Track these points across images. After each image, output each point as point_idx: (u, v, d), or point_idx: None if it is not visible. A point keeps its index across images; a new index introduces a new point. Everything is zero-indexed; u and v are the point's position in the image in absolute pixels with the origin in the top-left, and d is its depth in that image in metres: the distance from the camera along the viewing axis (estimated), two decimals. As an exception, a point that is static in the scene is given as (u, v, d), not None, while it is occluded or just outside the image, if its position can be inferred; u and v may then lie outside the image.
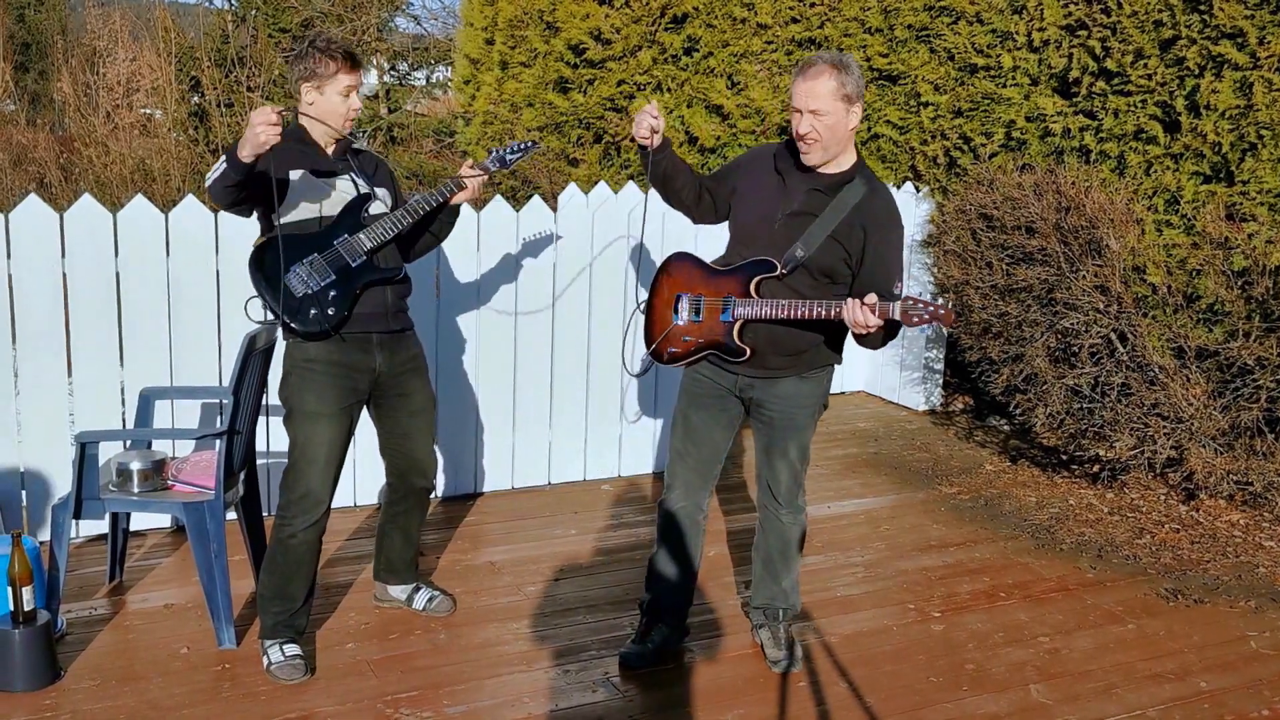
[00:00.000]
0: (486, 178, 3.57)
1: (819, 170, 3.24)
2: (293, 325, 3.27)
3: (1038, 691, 3.46)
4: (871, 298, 3.04)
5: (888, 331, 3.17)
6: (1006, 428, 6.22)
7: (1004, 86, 5.95)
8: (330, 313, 3.29)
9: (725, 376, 3.39)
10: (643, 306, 3.50)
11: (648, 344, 3.45)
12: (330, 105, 3.32)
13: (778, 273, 3.22)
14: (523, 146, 3.62)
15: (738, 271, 3.27)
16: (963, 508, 5.07)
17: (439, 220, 3.64)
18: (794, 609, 3.62)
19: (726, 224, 3.45)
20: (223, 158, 3.10)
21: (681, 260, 3.43)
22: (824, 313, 3.13)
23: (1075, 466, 5.44)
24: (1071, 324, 4.87)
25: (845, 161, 3.26)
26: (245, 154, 2.98)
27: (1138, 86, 5.22)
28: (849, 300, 3.07)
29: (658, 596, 3.58)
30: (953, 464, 5.68)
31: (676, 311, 3.37)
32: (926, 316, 3.05)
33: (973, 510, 5.04)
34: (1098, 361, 4.88)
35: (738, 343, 3.27)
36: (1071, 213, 4.93)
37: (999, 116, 5.97)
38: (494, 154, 3.59)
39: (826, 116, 3.12)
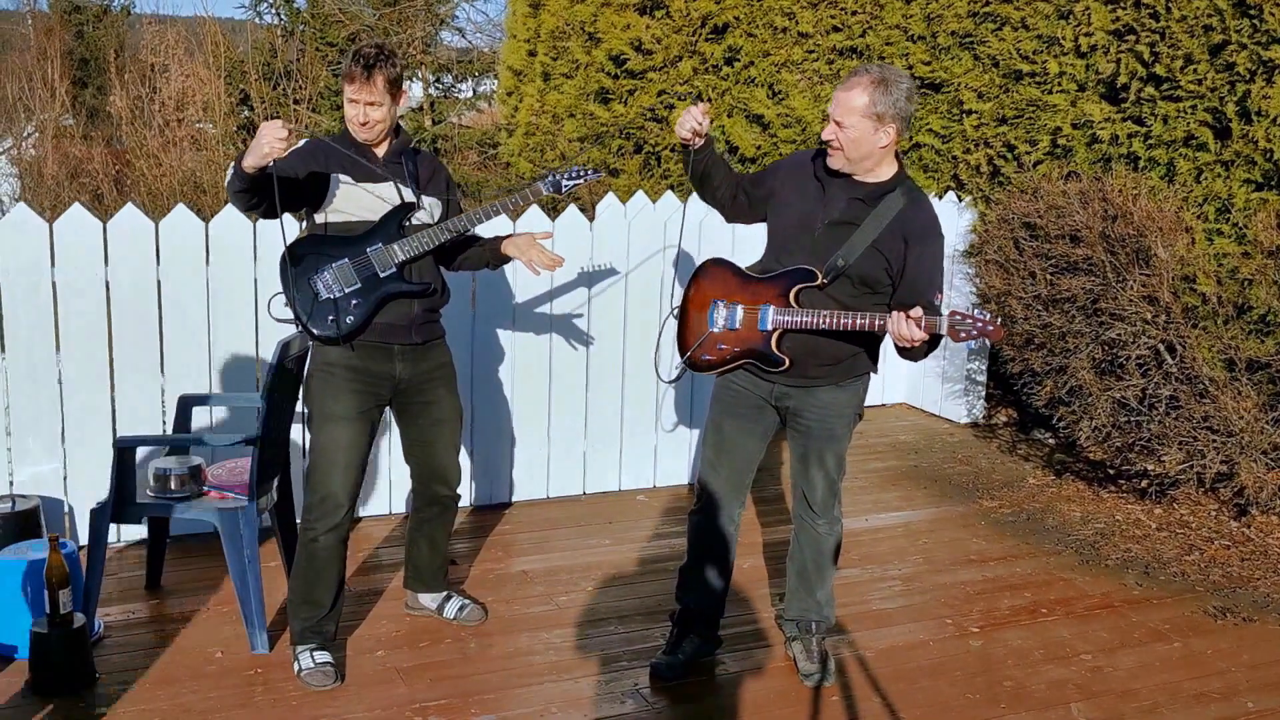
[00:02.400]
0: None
1: (860, 179, 3.20)
2: (307, 327, 3.28)
3: (1079, 710, 3.37)
4: (917, 311, 3.00)
5: (929, 343, 3.12)
6: (1051, 441, 6.10)
7: (1050, 93, 5.86)
8: (348, 320, 3.29)
9: (761, 385, 3.35)
10: (676, 311, 3.47)
11: (681, 351, 3.41)
12: (348, 112, 3.34)
13: (818, 282, 3.17)
14: (581, 173, 3.49)
15: (777, 280, 3.23)
16: (1004, 522, 4.98)
17: (490, 250, 3.63)
18: (828, 622, 3.56)
19: (765, 227, 3.41)
20: (230, 165, 3.12)
21: (718, 266, 3.39)
22: (866, 324, 3.09)
23: (1122, 481, 5.32)
24: (1118, 335, 4.77)
25: (885, 172, 3.21)
26: (248, 163, 2.99)
27: (1187, 92, 5.11)
28: (894, 314, 3.03)
29: (689, 607, 3.54)
30: (995, 477, 5.58)
31: (712, 318, 3.33)
32: (975, 333, 3.01)
33: (1014, 525, 4.94)
34: (1145, 373, 4.78)
35: (777, 352, 3.23)
36: (1119, 221, 4.83)
37: (1044, 124, 5.88)
38: (550, 177, 3.50)
39: (850, 130, 3.09)
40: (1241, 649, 3.78)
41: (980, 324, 3.00)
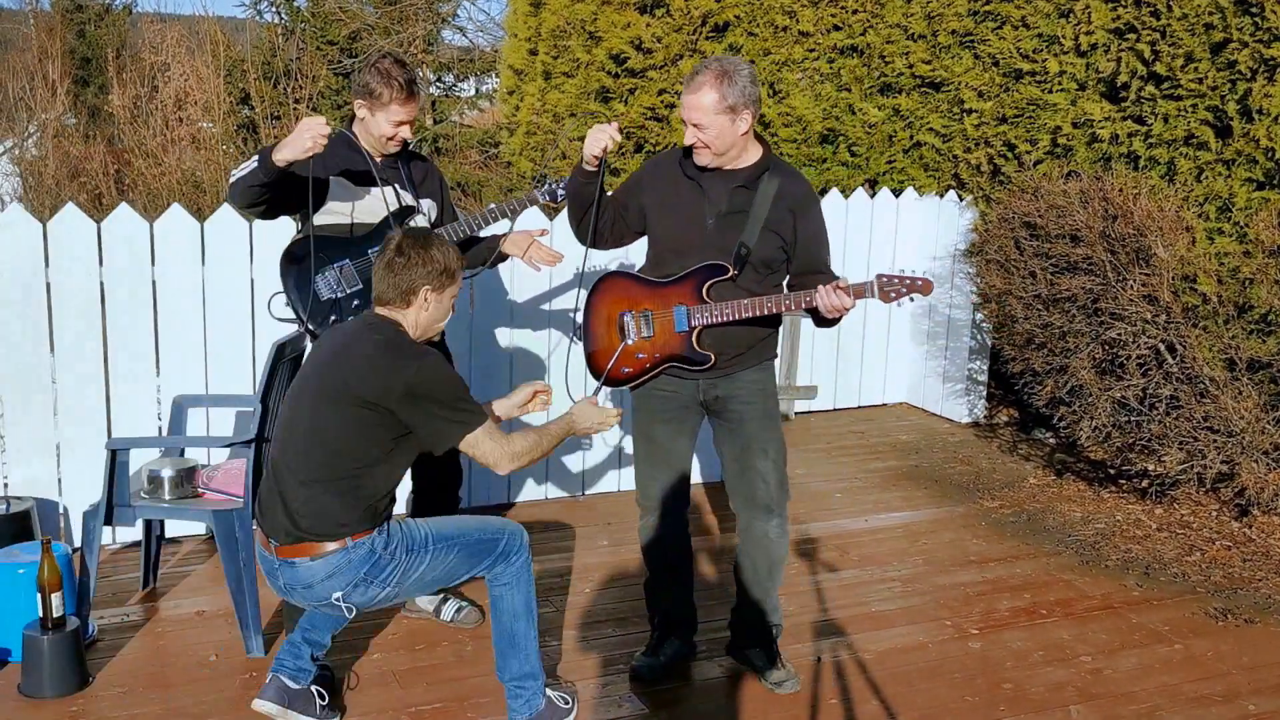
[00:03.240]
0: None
1: (731, 169, 3.21)
2: (310, 328, 3.27)
3: (1078, 713, 3.35)
4: (845, 280, 3.08)
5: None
6: (1052, 441, 6.08)
7: (1050, 92, 5.83)
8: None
9: (685, 385, 3.31)
10: (578, 334, 3.40)
11: (595, 372, 3.33)
12: (378, 129, 3.30)
13: (730, 274, 3.16)
14: None
15: (686, 279, 3.21)
16: (1004, 522, 4.95)
17: (489, 248, 3.63)
18: (781, 625, 3.53)
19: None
20: (254, 158, 3.08)
21: (615, 278, 3.36)
22: (791, 304, 3.12)
23: (1123, 481, 5.29)
24: (1118, 335, 4.74)
25: (752, 155, 3.23)
26: (282, 156, 2.98)
27: (1188, 91, 5.08)
28: (821, 288, 3.08)
29: (663, 614, 3.53)
30: (995, 478, 5.56)
31: (623, 330, 3.28)
32: (905, 290, 3.08)
33: (1015, 525, 4.92)
34: (1146, 373, 4.75)
35: (700, 350, 3.20)
36: (1119, 220, 4.80)
37: (1044, 123, 5.85)
38: (547, 185, 3.53)
39: (709, 129, 3.11)
40: (1242, 651, 3.76)
41: (908, 282, 3.08)
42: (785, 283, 3.33)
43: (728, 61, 3.11)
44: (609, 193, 3.37)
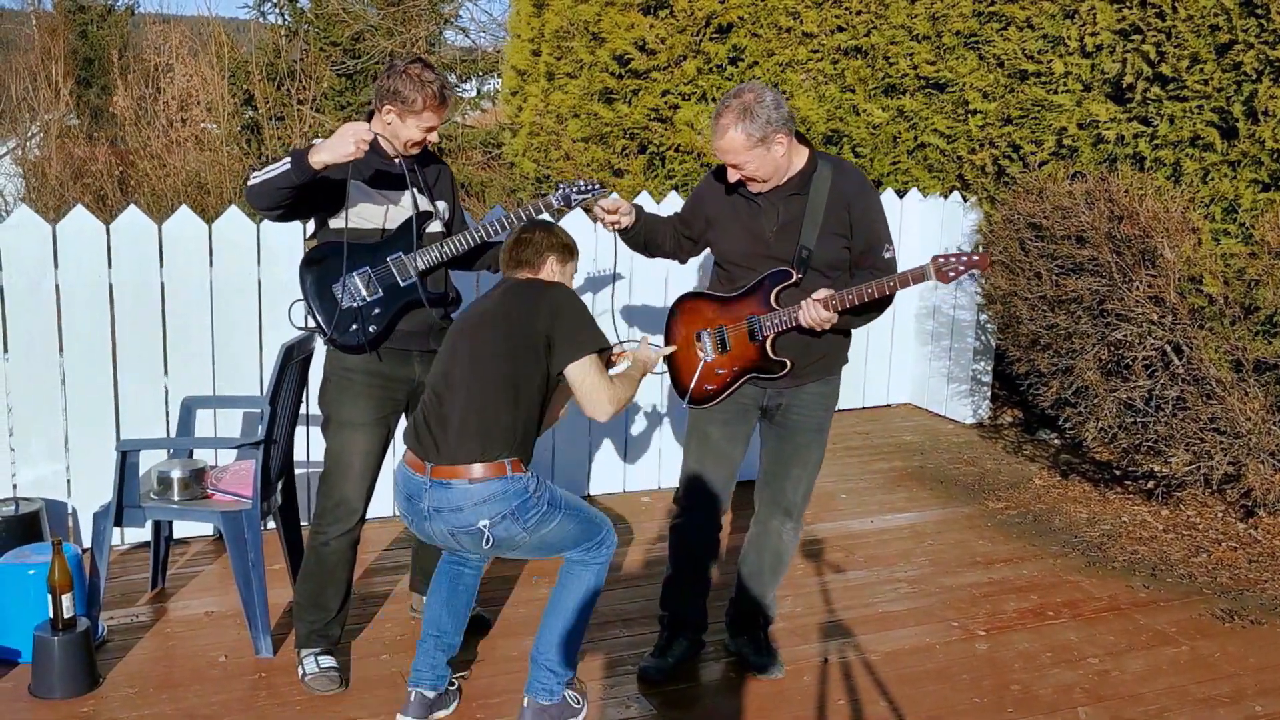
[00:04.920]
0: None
1: (785, 181, 3.22)
2: (332, 337, 3.26)
3: (1086, 715, 3.35)
4: (821, 292, 3.10)
5: (881, 305, 3.21)
6: (1057, 442, 6.08)
7: (1055, 93, 5.83)
8: (371, 329, 3.28)
9: (753, 391, 3.36)
10: (665, 362, 3.46)
11: (681, 392, 3.41)
12: (406, 134, 3.28)
13: (795, 279, 3.18)
14: (591, 188, 3.57)
15: (753, 290, 3.24)
16: (1010, 523, 4.96)
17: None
18: (773, 618, 3.61)
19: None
20: (285, 160, 3.06)
21: (689, 299, 3.43)
22: (873, 291, 3.09)
23: (1129, 482, 5.30)
24: (1124, 336, 4.75)
25: (799, 162, 3.24)
26: (320, 159, 2.99)
27: (1194, 92, 5.09)
28: (803, 302, 3.11)
29: (676, 612, 3.54)
30: (1000, 478, 5.56)
31: (702, 350, 3.33)
32: (963, 268, 3.08)
33: (1020, 526, 4.92)
34: (1152, 374, 4.75)
35: (776, 358, 3.23)
36: (1124, 221, 4.81)
37: (1050, 124, 5.86)
38: (560, 190, 3.54)
39: (747, 165, 3.14)
40: (1249, 652, 3.76)
41: (965, 259, 3.08)
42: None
43: (746, 94, 3.11)
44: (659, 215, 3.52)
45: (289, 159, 3.04)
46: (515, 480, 2.91)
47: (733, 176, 3.20)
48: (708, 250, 3.49)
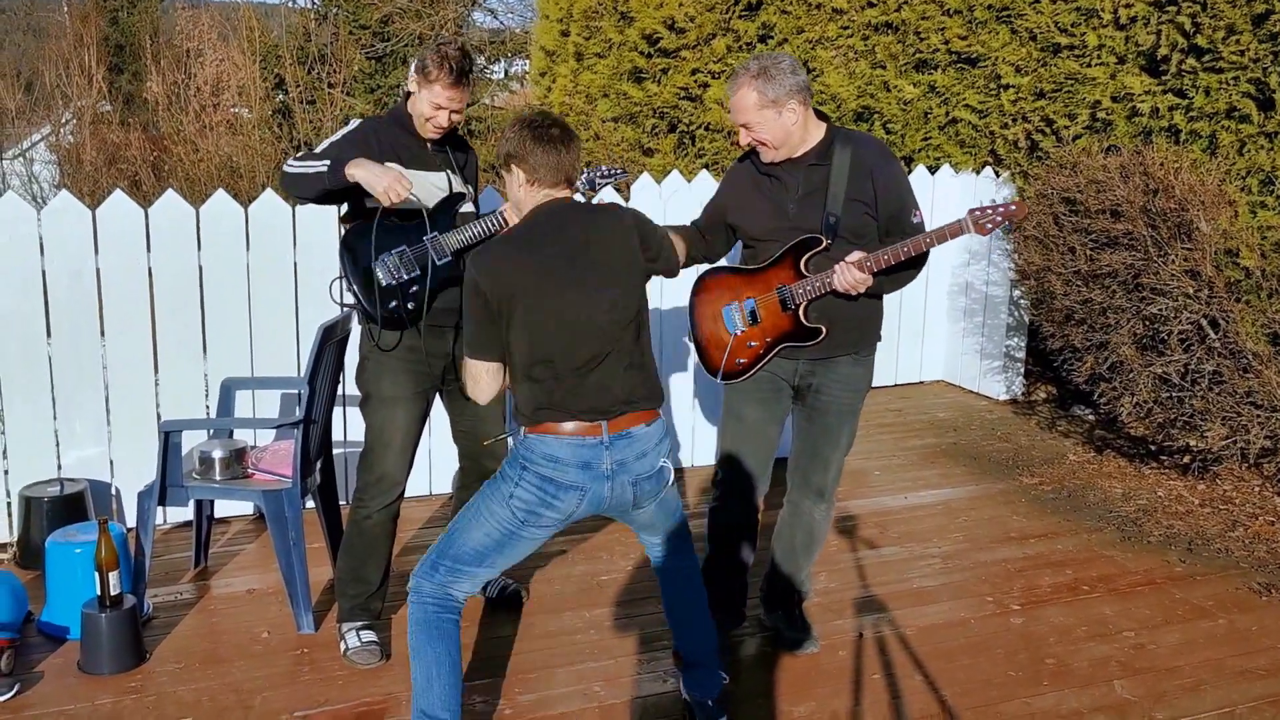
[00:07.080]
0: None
1: (800, 155, 3.22)
2: (373, 313, 3.31)
3: (1122, 687, 3.36)
4: (855, 254, 3.10)
5: (915, 262, 3.21)
6: (1091, 417, 6.05)
7: (1089, 66, 5.78)
8: (410, 306, 3.32)
9: (784, 366, 3.35)
10: (691, 338, 3.47)
11: (711, 370, 3.41)
12: (420, 108, 3.33)
13: (824, 245, 3.18)
14: (613, 172, 3.59)
15: (782, 259, 3.24)
16: (1044, 499, 4.95)
17: None
18: (806, 594, 3.63)
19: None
20: (326, 162, 3.16)
21: (711, 276, 3.42)
22: (909, 249, 3.09)
23: (1164, 457, 5.27)
24: (1159, 310, 4.71)
25: (816, 135, 3.24)
26: (354, 176, 3.10)
27: (1230, 63, 5.03)
28: (838, 265, 3.11)
29: (713, 592, 3.57)
30: (1034, 454, 5.55)
31: (730, 323, 3.34)
32: (999, 219, 3.09)
33: (1055, 502, 4.91)
34: (1188, 348, 4.72)
35: (810, 324, 3.23)
36: (1160, 195, 4.77)
37: (1083, 97, 5.80)
38: (585, 175, 3.57)
39: (758, 127, 3.16)
40: (1287, 626, 3.75)
41: (1001, 209, 3.09)
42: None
43: (765, 58, 3.16)
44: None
45: (330, 165, 3.15)
46: (663, 417, 2.93)
47: (744, 139, 3.22)
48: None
